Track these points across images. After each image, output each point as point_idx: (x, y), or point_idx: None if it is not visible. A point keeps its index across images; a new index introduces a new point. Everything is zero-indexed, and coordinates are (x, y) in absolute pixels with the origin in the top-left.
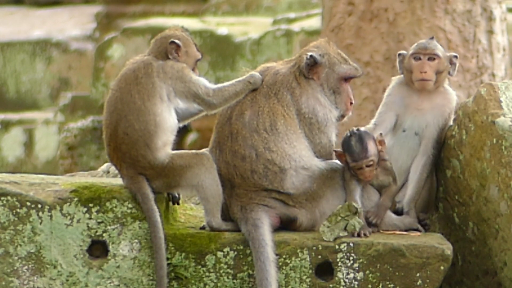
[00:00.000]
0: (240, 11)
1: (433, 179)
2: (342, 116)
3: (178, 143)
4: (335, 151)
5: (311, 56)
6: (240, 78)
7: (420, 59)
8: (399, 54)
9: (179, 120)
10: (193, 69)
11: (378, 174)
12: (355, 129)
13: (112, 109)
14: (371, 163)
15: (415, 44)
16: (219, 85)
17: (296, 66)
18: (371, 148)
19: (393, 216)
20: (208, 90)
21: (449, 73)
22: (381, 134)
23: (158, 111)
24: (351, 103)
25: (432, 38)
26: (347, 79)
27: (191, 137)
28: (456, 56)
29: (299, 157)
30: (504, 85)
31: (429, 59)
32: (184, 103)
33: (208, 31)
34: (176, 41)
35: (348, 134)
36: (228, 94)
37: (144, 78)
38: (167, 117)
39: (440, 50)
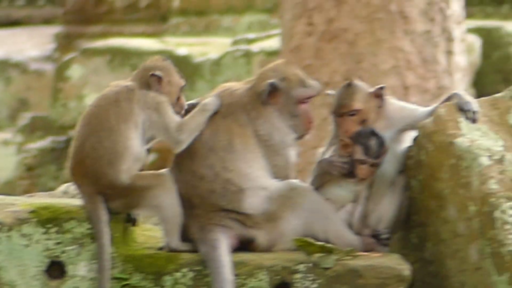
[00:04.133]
0: (199, 32)
1: (405, 197)
2: (303, 136)
3: None
4: (341, 140)
5: (271, 84)
6: (195, 110)
7: (341, 116)
8: (329, 94)
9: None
10: (178, 97)
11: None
12: (376, 130)
13: (85, 122)
14: (376, 165)
15: (335, 95)
16: (181, 120)
17: (253, 90)
18: (384, 154)
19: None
20: (177, 125)
21: (378, 107)
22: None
23: (131, 135)
24: (310, 122)
25: (349, 85)
26: (304, 101)
27: (150, 157)
28: (381, 88)
29: (256, 177)
30: None
31: (350, 115)
32: (155, 134)
33: (168, 51)
34: (157, 73)
35: (370, 131)
36: (192, 128)
37: (124, 102)
38: (138, 145)
39: (359, 101)
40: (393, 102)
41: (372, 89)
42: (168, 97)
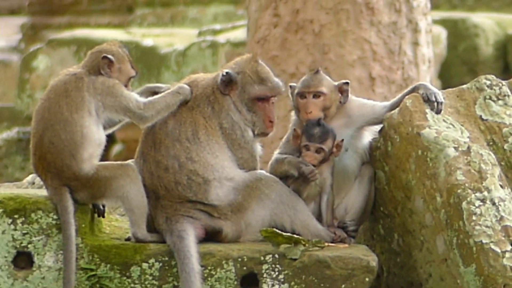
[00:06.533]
0: (165, 23)
1: (371, 188)
2: (264, 134)
3: (103, 155)
4: (295, 129)
5: (227, 73)
6: (169, 90)
7: (305, 97)
8: (290, 86)
9: (106, 128)
10: (125, 86)
11: (323, 171)
12: (322, 121)
13: (39, 118)
14: (320, 150)
15: (301, 80)
16: (150, 98)
17: (215, 80)
18: (328, 141)
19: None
20: (139, 104)
21: (340, 102)
22: (342, 140)
23: (86, 123)
24: (271, 121)
25: (317, 71)
26: (261, 99)
27: (116, 148)
28: (347, 83)
29: (222, 167)
30: None
31: (314, 96)
32: (114, 117)
33: (134, 42)
34: (109, 56)
35: (316, 120)
36: (160, 107)
37: (73, 92)
38: (95, 131)
39: (325, 86)
40: (353, 99)
41: (337, 83)
42: None
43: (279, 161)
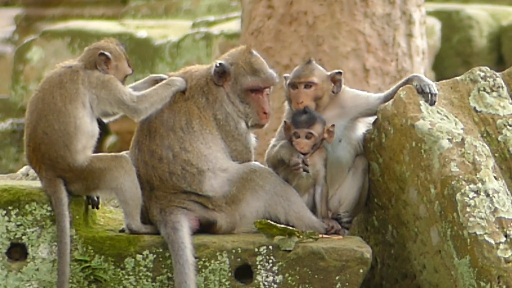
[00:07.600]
0: (159, 14)
1: (365, 180)
2: (258, 125)
3: (97, 146)
4: (285, 122)
5: (220, 64)
6: (161, 83)
7: (297, 87)
8: (285, 77)
9: (101, 117)
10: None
11: (316, 162)
12: (309, 108)
13: (33, 109)
14: (310, 136)
15: (293, 70)
16: (142, 92)
17: (209, 71)
18: (317, 126)
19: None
20: (132, 97)
21: (333, 92)
22: (333, 125)
23: (79, 115)
24: (265, 113)
25: (309, 62)
26: (254, 90)
27: (110, 140)
28: (339, 73)
29: (215, 158)
30: None
31: (305, 86)
32: (108, 109)
33: (128, 34)
34: (106, 53)
35: (303, 109)
36: (153, 99)
37: (68, 83)
38: (88, 122)
39: (316, 75)
40: (347, 90)
41: (330, 73)
42: None
43: (275, 145)
